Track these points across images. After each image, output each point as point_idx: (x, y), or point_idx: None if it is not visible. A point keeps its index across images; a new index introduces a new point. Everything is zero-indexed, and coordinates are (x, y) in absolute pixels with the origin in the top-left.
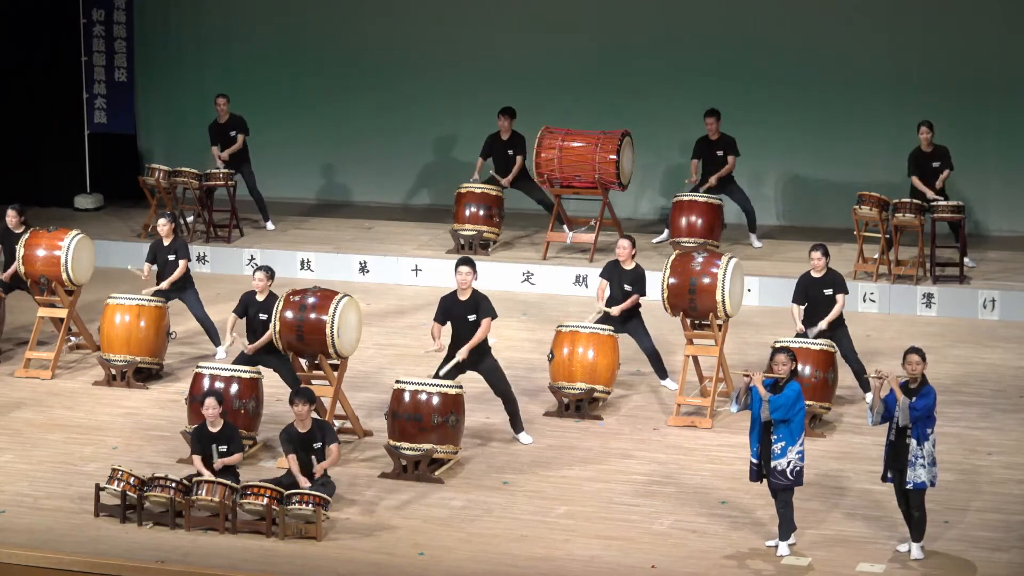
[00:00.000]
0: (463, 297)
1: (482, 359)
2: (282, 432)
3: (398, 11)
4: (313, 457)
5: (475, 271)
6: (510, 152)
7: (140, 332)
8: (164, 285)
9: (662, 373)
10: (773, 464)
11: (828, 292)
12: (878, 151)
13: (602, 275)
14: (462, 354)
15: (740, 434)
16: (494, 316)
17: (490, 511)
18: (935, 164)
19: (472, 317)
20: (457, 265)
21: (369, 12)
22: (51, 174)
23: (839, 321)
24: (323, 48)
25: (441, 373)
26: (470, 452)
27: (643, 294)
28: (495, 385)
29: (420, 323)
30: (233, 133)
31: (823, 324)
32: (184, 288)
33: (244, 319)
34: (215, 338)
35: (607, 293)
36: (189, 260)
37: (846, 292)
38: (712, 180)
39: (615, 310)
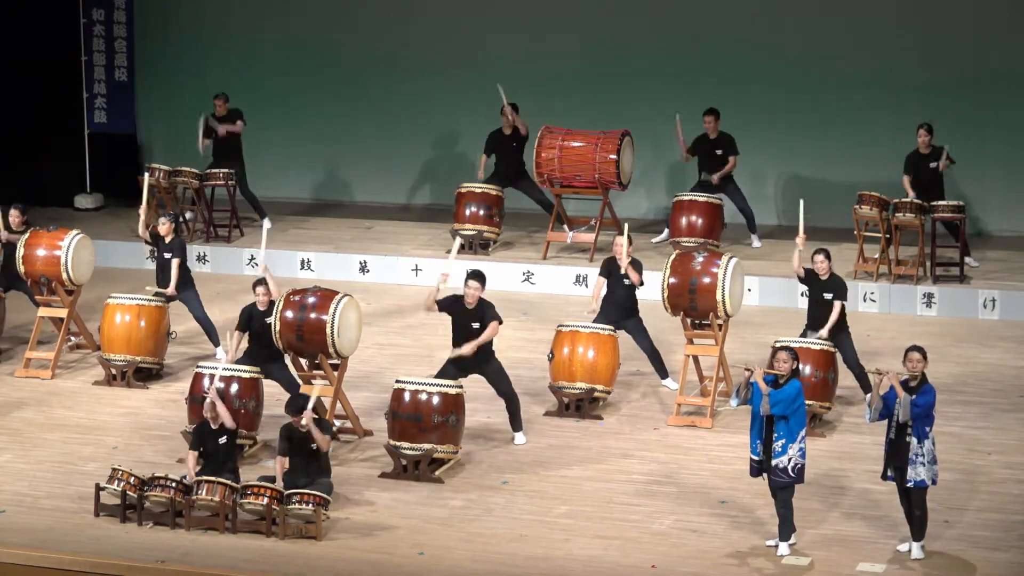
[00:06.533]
0: (470, 305)
1: (487, 362)
2: (283, 428)
3: (398, 11)
4: (308, 459)
5: (484, 285)
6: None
7: (140, 332)
8: (170, 291)
9: (662, 372)
10: (774, 462)
11: (828, 296)
12: (878, 151)
13: (601, 273)
14: (467, 349)
15: (740, 434)
16: (500, 321)
17: (490, 511)
18: (932, 164)
19: (476, 325)
20: (467, 279)
21: (369, 12)
22: (51, 174)
23: (842, 327)
24: (323, 48)
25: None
26: (470, 452)
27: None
28: (498, 386)
29: (420, 323)
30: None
31: (824, 332)
32: (184, 288)
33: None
34: (215, 338)
35: (603, 292)
36: (183, 261)
37: (845, 299)
38: (715, 179)
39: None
